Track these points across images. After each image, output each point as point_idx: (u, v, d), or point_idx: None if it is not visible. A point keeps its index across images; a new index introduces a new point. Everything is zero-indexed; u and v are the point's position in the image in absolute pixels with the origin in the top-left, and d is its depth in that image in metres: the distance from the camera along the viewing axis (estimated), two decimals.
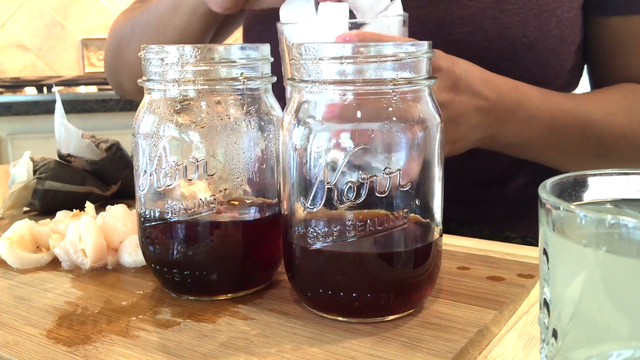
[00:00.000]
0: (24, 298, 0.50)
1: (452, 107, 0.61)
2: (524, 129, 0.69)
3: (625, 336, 0.31)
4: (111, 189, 0.76)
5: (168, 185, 0.48)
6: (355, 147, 0.42)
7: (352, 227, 0.43)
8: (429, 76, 0.44)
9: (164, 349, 0.42)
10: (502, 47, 0.73)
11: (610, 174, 0.37)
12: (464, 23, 0.73)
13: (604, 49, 0.80)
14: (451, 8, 0.74)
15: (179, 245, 0.48)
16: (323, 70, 0.42)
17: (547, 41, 0.75)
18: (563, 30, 0.76)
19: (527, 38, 0.74)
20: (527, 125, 0.69)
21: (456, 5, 0.74)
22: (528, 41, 0.74)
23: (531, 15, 0.74)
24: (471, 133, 0.65)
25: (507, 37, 0.73)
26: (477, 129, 0.65)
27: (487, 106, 0.64)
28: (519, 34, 0.73)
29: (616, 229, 0.29)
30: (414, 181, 0.43)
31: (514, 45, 0.74)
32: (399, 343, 0.42)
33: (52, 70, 2.82)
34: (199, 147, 0.47)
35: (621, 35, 0.78)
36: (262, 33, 0.86)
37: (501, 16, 0.73)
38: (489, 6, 0.73)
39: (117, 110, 2.29)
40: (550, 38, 0.75)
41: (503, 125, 0.67)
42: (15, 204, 0.72)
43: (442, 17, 0.74)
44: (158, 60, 0.47)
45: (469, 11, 0.73)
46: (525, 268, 0.54)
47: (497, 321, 0.45)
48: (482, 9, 0.73)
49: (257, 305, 0.48)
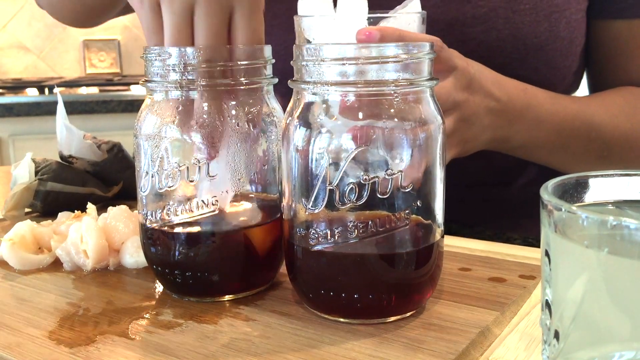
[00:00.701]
0: (25, 299, 0.50)
1: (466, 106, 0.62)
2: (533, 131, 0.69)
3: (627, 337, 0.31)
4: (113, 190, 0.76)
5: (170, 186, 0.48)
6: (357, 148, 0.42)
7: (354, 228, 0.43)
8: (430, 77, 0.44)
9: (166, 350, 0.42)
10: (514, 47, 0.74)
11: (612, 175, 0.37)
12: (476, 22, 0.74)
13: (606, 52, 0.80)
14: (463, 8, 0.74)
15: (181, 247, 0.48)
16: (325, 71, 0.42)
17: (557, 42, 0.75)
18: (571, 32, 0.76)
19: (538, 39, 0.74)
20: (535, 127, 0.69)
21: (468, 4, 0.74)
22: (539, 42, 0.74)
23: (542, 16, 0.74)
24: (482, 134, 0.65)
25: (519, 37, 0.74)
26: (488, 130, 0.66)
27: (498, 107, 0.65)
28: (530, 34, 0.74)
29: (618, 230, 0.29)
30: (415, 182, 0.43)
31: (525, 45, 0.74)
32: (401, 344, 0.42)
33: (53, 71, 2.83)
34: (201, 148, 0.47)
35: (623, 38, 0.78)
36: (271, 29, 0.86)
37: (513, 16, 0.73)
38: (501, 6, 0.73)
39: (118, 111, 2.29)
40: (560, 39, 0.75)
41: (512, 127, 0.68)
42: (17, 205, 0.72)
43: (455, 17, 0.74)
44: (160, 62, 0.47)
45: (481, 11, 0.73)
46: (527, 269, 0.54)
47: (499, 322, 0.45)
48: (494, 9, 0.73)
49: (259, 307, 0.48)
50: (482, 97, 0.63)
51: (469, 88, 0.62)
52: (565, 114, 0.71)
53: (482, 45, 0.64)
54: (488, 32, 0.74)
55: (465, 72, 0.61)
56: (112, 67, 2.87)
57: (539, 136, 0.70)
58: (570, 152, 0.74)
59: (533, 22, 0.74)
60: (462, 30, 0.63)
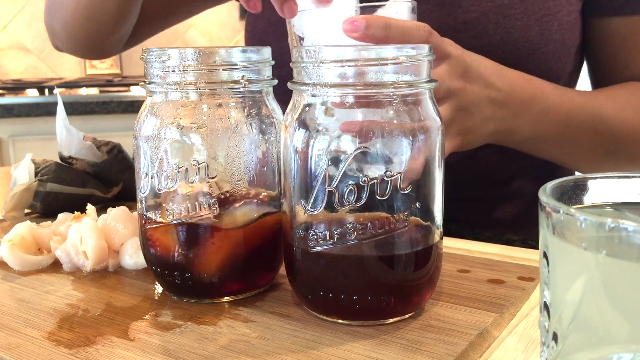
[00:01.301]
0: (25, 300, 0.50)
1: (462, 94, 0.61)
2: (539, 123, 0.68)
3: (625, 339, 0.31)
4: (112, 191, 0.76)
5: (169, 187, 0.48)
6: (356, 150, 0.42)
7: (353, 230, 0.43)
8: (429, 79, 0.44)
9: (165, 352, 0.42)
10: (506, 52, 0.73)
11: (611, 177, 0.37)
12: (467, 28, 0.74)
13: (606, 50, 0.80)
14: (454, 13, 0.74)
15: (180, 248, 0.48)
16: (324, 73, 0.42)
17: (549, 45, 0.75)
18: (564, 34, 0.76)
19: (530, 42, 0.74)
20: (542, 119, 0.68)
21: (459, 9, 0.74)
22: (531, 45, 0.74)
23: (533, 20, 0.74)
24: (484, 125, 0.64)
25: (510, 41, 0.73)
26: (491, 122, 0.64)
27: (501, 98, 0.64)
28: (521, 38, 0.73)
29: (616, 232, 0.30)
30: (414, 184, 0.43)
31: (517, 49, 0.74)
32: (400, 346, 0.42)
33: (53, 72, 2.83)
34: (200, 149, 0.47)
35: (623, 35, 0.78)
36: (266, 36, 0.86)
37: (504, 21, 0.73)
38: (491, 11, 0.73)
39: (118, 112, 2.29)
40: (552, 42, 0.75)
41: (518, 118, 0.66)
42: (16, 206, 0.72)
43: (446, 23, 0.74)
44: (159, 63, 0.47)
45: (472, 16, 0.73)
46: (526, 271, 0.54)
47: (498, 324, 0.45)
48: (485, 13, 0.73)
49: (258, 308, 0.48)
50: (481, 86, 0.62)
51: (465, 76, 0.61)
52: (572, 105, 0.70)
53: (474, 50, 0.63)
54: (479, 37, 0.73)
55: (460, 59, 0.60)
56: (112, 68, 2.88)
57: (546, 129, 0.69)
58: (578, 146, 0.73)
59: (524, 27, 0.73)
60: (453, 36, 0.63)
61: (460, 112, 0.61)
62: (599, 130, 0.72)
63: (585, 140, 0.73)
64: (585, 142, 0.73)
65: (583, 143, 0.73)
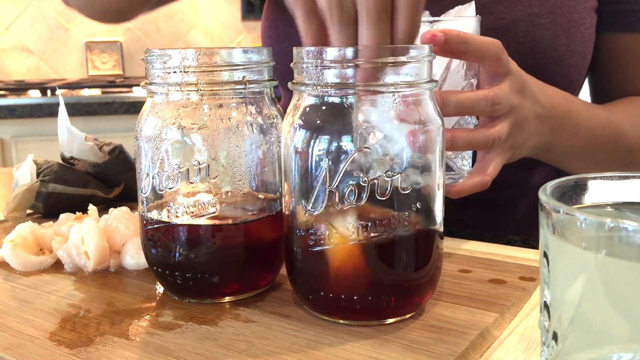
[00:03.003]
0: (26, 300, 0.51)
1: (519, 110, 0.61)
2: (571, 139, 0.70)
3: (625, 339, 0.31)
4: (114, 192, 0.77)
5: (170, 188, 0.48)
6: (357, 150, 0.42)
7: (353, 230, 0.43)
8: (430, 79, 0.44)
9: (166, 351, 0.42)
10: (534, 60, 0.74)
11: (611, 177, 0.37)
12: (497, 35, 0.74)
13: (612, 64, 0.82)
14: (485, 19, 0.74)
15: (181, 248, 0.48)
16: (324, 73, 0.43)
17: (573, 57, 0.76)
18: (585, 47, 0.77)
19: (557, 52, 0.74)
20: (574, 134, 0.69)
21: (490, 16, 0.74)
22: (557, 55, 0.75)
23: (560, 30, 0.74)
24: (529, 140, 0.65)
25: (538, 50, 0.74)
26: (534, 137, 0.65)
27: (544, 114, 0.65)
28: (549, 47, 0.74)
29: (616, 232, 0.30)
30: (414, 184, 0.43)
31: (545, 59, 0.74)
32: (400, 346, 0.42)
33: (55, 73, 2.83)
34: (201, 150, 0.47)
35: (631, 51, 0.80)
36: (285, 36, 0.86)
37: (534, 29, 0.74)
38: (521, 19, 0.74)
39: (120, 113, 2.30)
40: (576, 54, 0.76)
41: (555, 134, 0.67)
42: (18, 207, 0.72)
43: None
44: (160, 64, 0.47)
45: (503, 22, 0.74)
46: (527, 271, 0.54)
47: (499, 324, 0.45)
48: (515, 21, 0.74)
49: (259, 308, 0.48)
50: (531, 102, 0.63)
51: (521, 93, 0.62)
52: (598, 120, 0.72)
53: None
54: (508, 44, 0.74)
55: (519, 76, 0.61)
56: (114, 68, 2.88)
57: (577, 143, 0.70)
58: (599, 159, 0.75)
59: (552, 37, 0.74)
60: None
61: (515, 128, 0.62)
62: (618, 145, 0.74)
63: (606, 154, 0.74)
64: (605, 156, 0.75)
65: (604, 157, 0.75)
